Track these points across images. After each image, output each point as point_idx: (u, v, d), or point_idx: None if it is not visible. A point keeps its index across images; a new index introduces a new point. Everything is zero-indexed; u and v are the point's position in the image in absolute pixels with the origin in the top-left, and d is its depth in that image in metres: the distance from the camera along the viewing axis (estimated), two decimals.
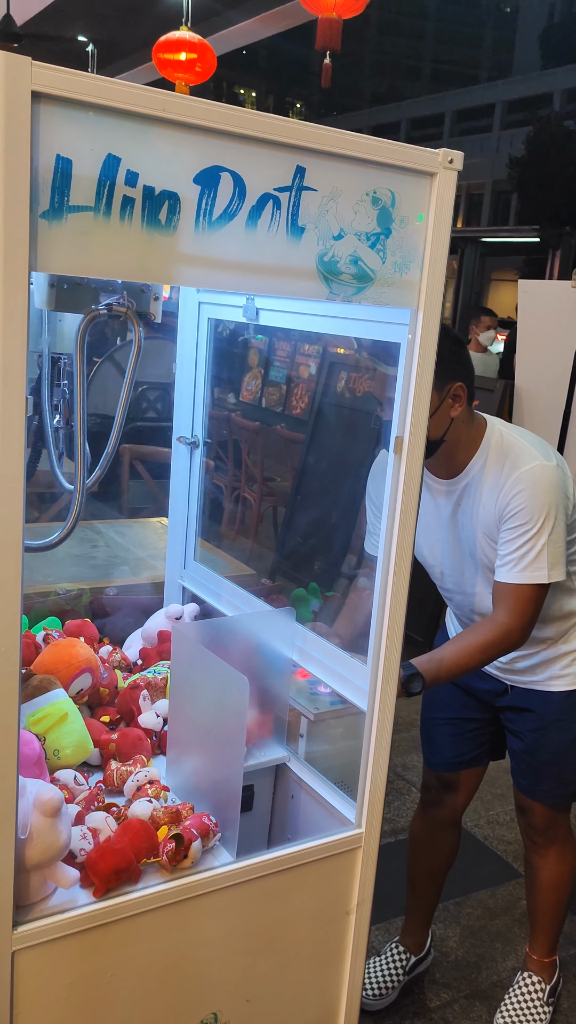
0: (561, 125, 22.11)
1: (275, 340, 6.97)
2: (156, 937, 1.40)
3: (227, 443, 5.78)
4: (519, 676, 2.08)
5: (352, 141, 1.26)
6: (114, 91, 1.07)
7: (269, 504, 5.66)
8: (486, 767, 2.29)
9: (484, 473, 1.90)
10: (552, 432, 4.10)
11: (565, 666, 2.05)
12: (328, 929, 1.61)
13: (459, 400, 1.88)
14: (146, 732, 1.76)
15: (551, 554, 1.82)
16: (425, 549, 2.08)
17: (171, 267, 1.19)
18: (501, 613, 1.85)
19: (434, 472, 1.98)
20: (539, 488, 1.83)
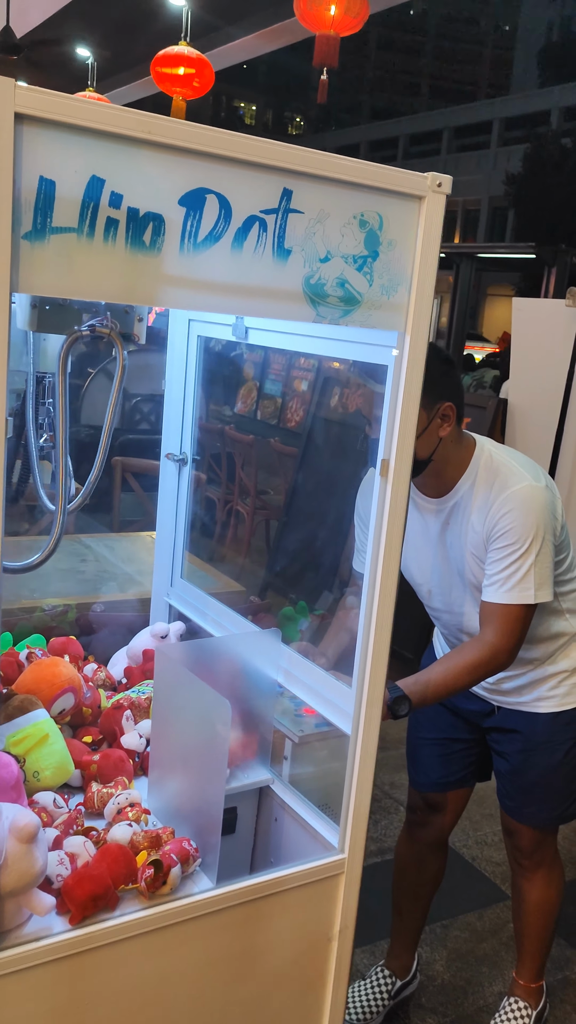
0: (558, 143, 22.30)
1: (270, 354, 6.98)
2: (134, 965, 1.38)
3: (220, 456, 5.77)
4: (506, 697, 2.07)
5: (339, 164, 1.25)
6: (98, 113, 1.06)
7: (262, 518, 5.65)
8: (472, 788, 2.28)
9: (473, 493, 1.90)
10: (545, 450, 4.10)
11: (552, 687, 2.04)
12: (310, 956, 1.59)
13: (448, 420, 1.87)
14: (129, 753, 1.74)
15: (538, 574, 1.81)
16: (413, 568, 2.07)
17: (155, 289, 1.18)
18: (488, 633, 1.84)
19: (423, 491, 1.98)
20: (527, 509, 1.82)
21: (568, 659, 2.04)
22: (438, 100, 44.64)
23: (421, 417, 1.81)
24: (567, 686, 2.04)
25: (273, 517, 5.58)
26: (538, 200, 20.70)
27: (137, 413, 6.18)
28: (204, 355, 2.07)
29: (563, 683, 2.04)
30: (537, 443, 4.17)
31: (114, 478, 4.46)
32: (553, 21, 39.95)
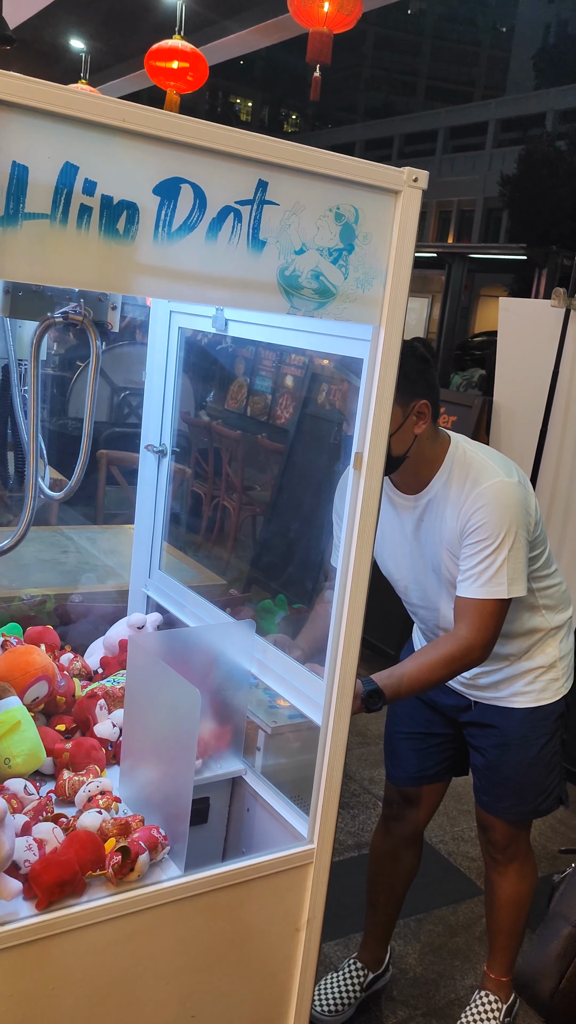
0: (553, 145, 22.30)
1: (261, 351, 6.98)
2: (100, 951, 1.38)
3: (208, 451, 5.78)
4: (482, 692, 2.09)
5: (315, 157, 1.26)
6: (73, 100, 1.06)
7: (248, 513, 5.66)
8: (448, 783, 2.29)
9: (447, 489, 1.91)
10: (529, 449, 4.12)
11: (528, 683, 2.05)
12: (277, 945, 1.60)
13: (423, 418, 1.89)
14: (101, 742, 1.74)
15: (511, 569, 1.83)
16: (390, 563, 2.08)
17: (129, 277, 1.18)
18: (462, 628, 1.86)
19: (398, 487, 1.99)
20: (500, 504, 1.84)
21: (544, 655, 2.06)
22: (434, 100, 44.68)
23: (397, 415, 1.83)
24: (543, 682, 2.06)
25: (259, 513, 5.58)
26: (532, 202, 20.70)
27: (125, 407, 6.17)
28: (195, 352, 2.08)
29: (539, 679, 2.06)
30: (522, 442, 4.19)
31: (99, 471, 4.45)
32: (550, 23, 40.02)
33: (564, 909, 1.18)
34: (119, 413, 6.13)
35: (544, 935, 1.21)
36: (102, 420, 5.92)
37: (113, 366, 6.00)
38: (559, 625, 2.08)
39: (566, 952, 1.16)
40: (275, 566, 4.75)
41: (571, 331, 3.95)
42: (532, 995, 1.20)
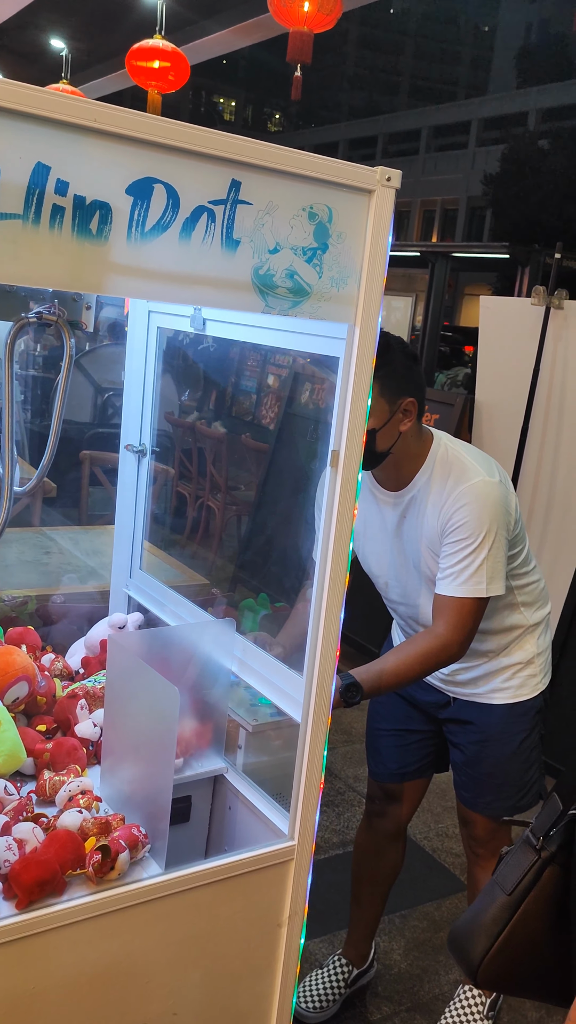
0: (535, 144, 22.41)
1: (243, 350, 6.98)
2: (80, 950, 1.38)
3: (192, 452, 5.77)
4: (461, 688, 2.10)
5: (288, 156, 1.26)
6: (44, 100, 1.06)
7: (233, 513, 5.66)
8: (430, 779, 2.31)
9: (429, 487, 1.92)
10: (511, 447, 4.14)
11: (506, 679, 2.07)
12: (259, 942, 1.61)
13: (409, 415, 1.90)
14: (83, 742, 1.74)
15: (490, 568, 1.84)
16: (371, 560, 2.09)
17: (103, 277, 1.19)
18: (440, 625, 1.87)
19: (381, 484, 2.00)
20: (481, 503, 1.85)
21: (522, 651, 2.07)
22: (417, 99, 44.76)
23: (383, 411, 1.84)
24: (521, 678, 2.08)
25: (244, 513, 5.59)
26: (515, 201, 20.81)
27: (109, 407, 6.16)
28: (177, 353, 2.08)
29: (517, 675, 2.07)
30: (503, 440, 4.21)
31: (82, 472, 4.45)
32: (531, 23, 40.17)
33: (501, 879, 1.22)
34: (102, 414, 6.12)
35: (482, 900, 1.24)
36: (85, 421, 5.91)
37: (96, 366, 6.00)
38: (537, 622, 2.09)
39: (498, 919, 1.20)
40: (258, 565, 4.75)
41: (551, 329, 3.97)
42: (463, 956, 1.24)
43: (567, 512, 3.95)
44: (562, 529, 3.95)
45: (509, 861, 1.25)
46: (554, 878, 1.21)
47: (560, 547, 3.91)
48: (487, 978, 1.24)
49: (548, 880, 1.21)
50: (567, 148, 20.80)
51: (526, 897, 1.21)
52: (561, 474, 4.01)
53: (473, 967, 1.24)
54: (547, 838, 1.23)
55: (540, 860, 1.21)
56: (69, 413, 1.95)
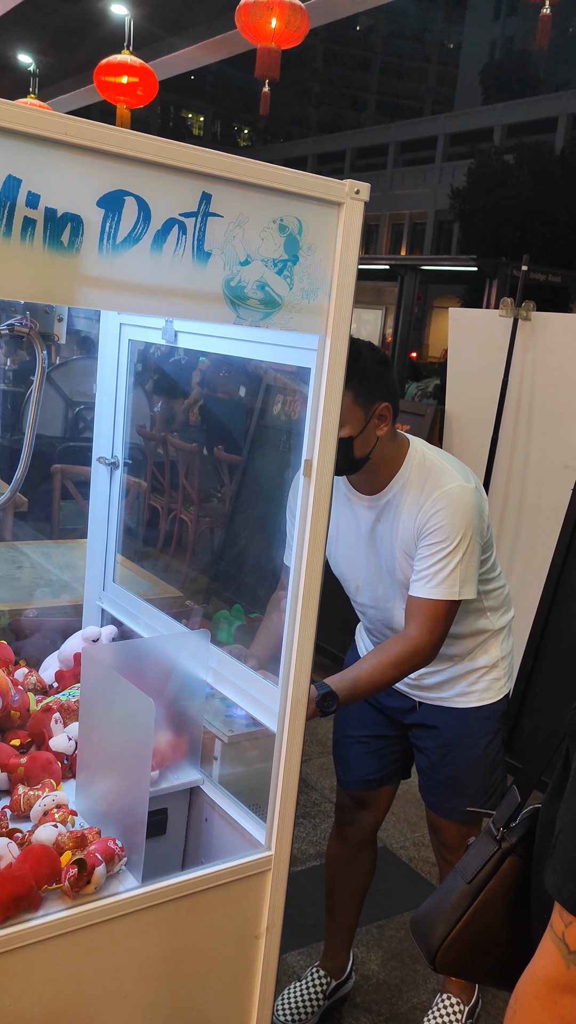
0: (501, 159, 22.70)
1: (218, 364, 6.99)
2: (57, 965, 1.37)
3: (163, 464, 5.76)
4: (427, 692, 2.11)
5: (258, 169, 1.28)
6: (14, 113, 1.07)
7: (206, 526, 5.65)
8: (397, 785, 2.31)
9: (405, 491, 1.95)
10: (480, 457, 4.18)
11: (471, 683, 2.09)
12: (237, 954, 1.60)
13: (384, 420, 1.92)
14: (57, 755, 1.73)
15: (463, 572, 1.86)
16: (343, 563, 2.11)
17: (74, 289, 1.19)
18: (412, 628, 1.89)
19: (357, 488, 2.02)
20: (458, 508, 1.88)
21: (487, 655, 2.10)
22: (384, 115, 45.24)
23: (359, 417, 1.86)
24: (486, 681, 2.10)
25: (217, 525, 5.59)
26: (482, 214, 21.07)
27: (80, 421, 6.14)
28: (149, 365, 2.08)
29: (482, 679, 2.10)
30: (473, 449, 4.25)
31: (54, 485, 4.42)
32: (495, 40, 40.79)
33: (463, 867, 1.25)
34: (74, 427, 6.10)
35: (443, 888, 1.27)
36: (56, 435, 5.89)
37: (67, 380, 5.97)
38: (502, 627, 2.13)
39: (458, 906, 1.23)
40: (232, 576, 4.75)
41: (519, 340, 4.03)
42: (423, 941, 1.27)
43: (536, 520, 4.00)
44: (532, 537, 3.99)
45: (471, 851, 1.28)
46: (514, 868, 1.24)
47: (530, 555, 3.95)
48: (445, 963, 1.26)
49: (508, 870, 1.24)
50: (532, 163, 21.10)
51: (486, 886, 1.24)
52: (531, 483, 4.05)
53: (432, 952, 1.26)
54: (508, 829, 1.25)
55: (500, 850, 1.24)
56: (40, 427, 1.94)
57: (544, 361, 3.97)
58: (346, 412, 1.83)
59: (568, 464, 3.68)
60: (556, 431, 3.93)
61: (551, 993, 0.93)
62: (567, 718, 1.09)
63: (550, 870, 0.97)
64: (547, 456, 3.97)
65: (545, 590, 3.46)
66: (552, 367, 3.94)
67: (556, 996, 0.93)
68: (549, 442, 3.97)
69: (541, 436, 4.00)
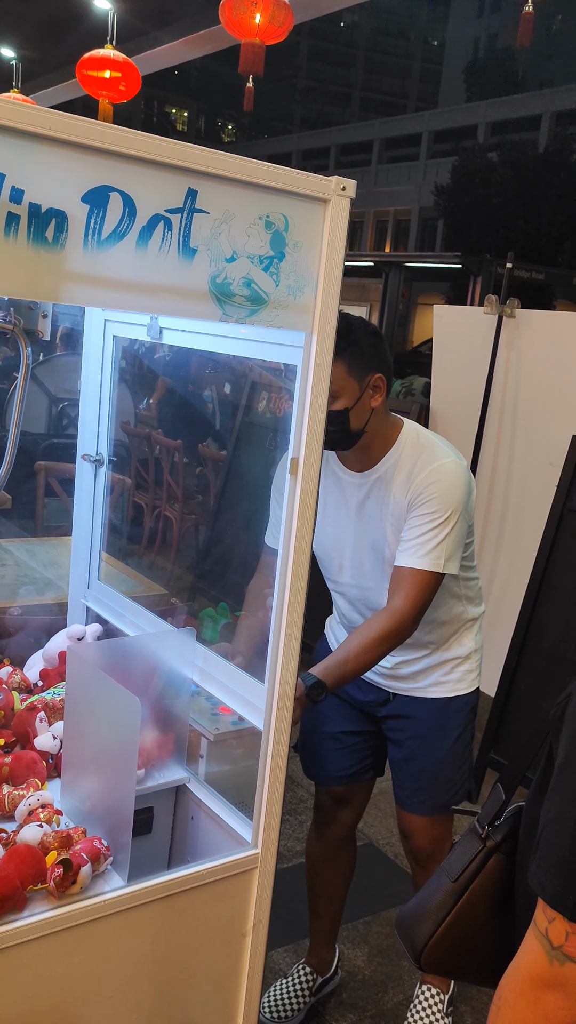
0: (484, 157, 22.74)
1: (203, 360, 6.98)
2: (42, 966, 1.36)
3: (148, 461, 5.74)
4: (402, 683, 2.12)
5: (244, 166, 1.27)
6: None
7: (190, 523, 5.64)
8: (373, 781, 2.32)
9: (397, 467, 1.96)
10: (465, 454, 4.18)
11: (445, 673, 2.10)
12: (224, 952, 1.60)
13: (379, 391, 1.93)
14: (42, 755, 1.72)
15: (449, 546, 1.88)
16: (327, 541, 2.10)
17: (59, 285, 1.18)
18: (397, 599, 1.89)
19: (347, 464, 2.02)
20: (452, 483, 1.90)
21: (461, 646, 2.11)
22: (368, 112, 45.25)
23: (353, 389, 1.87)
24: (460, 672, 2.11)
25: (202, 522, 5.57)
26: (466, 212, 21.11)
27: (64, 417, 6.11)
28: (136, 362, 2.07)
29: (456, 669, 2.11)
30: (458, 447, 4.25)
31: (37, 483, 4.40)
32: (479, 37, 40.87)
33: (448, 866, 1.26)
34: (57, 424, 6.06)
35: (429, 887, 1.27)
36: (40, 432, 5.85)
37: (50, 376, 5.94)
38: (475, 617, 2.15)
39: (444, 904, 1.24)
40: (217, 574, 4.74)
41: (504, 337, 4.04)
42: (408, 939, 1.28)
43: (521, 517, 4.01)
44: (516, 533, 4.00)
45: (456, 849, 1.28)
46: (499, 867, 1.24)
47: (515, 551, 3.97)
48: (430, 962, 1.27)
49: (493, 868, 1.24)
50: (515, 160, 21.16)
51: (471, 884, 1.24)
52: (515, 480, 4.07)
53: (417, 951, 1.26)
54: (493, 827, 1.26)
55: (485, 849, 1.24)
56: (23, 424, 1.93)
57: (528, 358, 3.98)
58: (340, 383, 1.83)
59: (552, 461, 3.69)
60: (540, 428, 3.94)
61: (534, 989, 0.94)
62: (551, 714, 1.09)
63: (534, 866, 0.97)
64: (531, 453, 3.98)
65: (529, 587, 3.47)
66: (536, 364, 3.95)
67: (539, 992, 0.93)
68: (533, 439, 3.98)
69: (525, 433, 4.02)
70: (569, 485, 3.45)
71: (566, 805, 0.95)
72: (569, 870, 0.92)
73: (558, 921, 0.92)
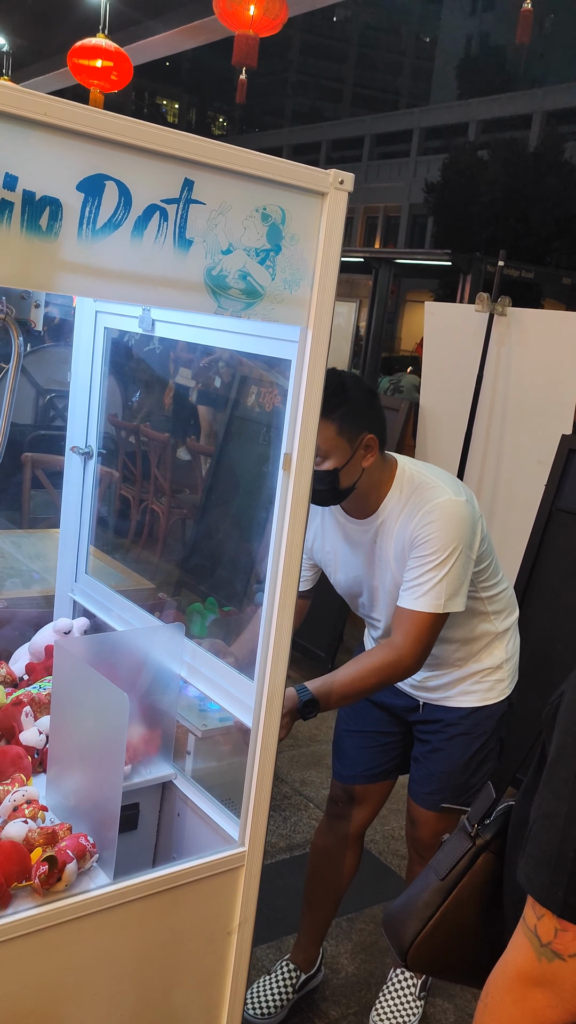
0: (475, 154, 22.76)
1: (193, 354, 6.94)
2: (25, 964, 1.35)
3: (135, 454, 5.71)
4: (430, 694, 2.13)
5: (242, 157, 1.25)
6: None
7: (178, 517, 5.62)
8: (394, 782, 2.32)
9: (398, 509, 1.96)
10: (454, 452, 4.19)
11: (474, 683, 2.10)
12: (209, 950, 1.59)
13: (371, 451, 1.92)
14: (28, 750, 1.70)
15: (450, 586, 1.87)
16: (344, 585, 2.13)
17: (53, 275, 1.16)
18: (398, 637, 1.90)
19: (349, 513, 2.03)
20: (447, 521, 1.88)
21: (491, 657, 2.11)
22: (360, 107, 45.20)
23: (344, 450, 1.86)
24: (489, 682, 2.11)
25: (189, 516, 5.55)
26: (456, 209, 21.13)
27: (51, 409, 6.06)
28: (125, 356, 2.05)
29: (485, 679, 2.10)
30: (447, 444, 4.26)
31: (24, 474, 4.37)
32: (471, 35, 40.87)
33: (437, 864, 1.25)
34: (45, 416, 6.02)
35: (417, 885, 1.27)
36: (27, 423, 5.81)
37: (38, 367, 5.89)
38: (507, 628, 2.14)
39: (431, 902, 1.24)
40: (205, 569, 4.72)
41: (495, 335, 4.03)
42: (395, 937, 1.27)
43: (509, 516, 4.02)
44: (504, 533, 4.01)
45: (445, 847, 1.27)
46: (487, 865, 1.24)
47: (503, 550, 3.96)
48: (417, 960, 1.26)
49: (481, 867, 1.24)
50: (506, 159, 21.18)
51: (459, 882, 1.23)
52: (504, 479, 4.07)
53: (404, 949, 1.26)
54: (482, 826, 1.25)
55: (474, 847, 1.24)
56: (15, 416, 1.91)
57: (519, 356, 3.98)
58: (331, 444, 1.82)
59: (541, 459, 3.69)
60: (530, 426, 3.94)
61: (522, 986, 0.93)
62: (543, 714, 1.08)
63: (522, 862, 0.96)
64: (521, 451, 3.99)
65: (517, 585, 3.47)
66: (527, 363, 3.95)
67: (527, 989, 0.92)
68: (523, 437, 3.98)
69: (515, 431, 4.02)
70: (558, 484, 3.45)
71: (556, 802, 0.94)
72: (558, 866, 0.92)
73: (547, 918, 0.92)
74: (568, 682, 1.03)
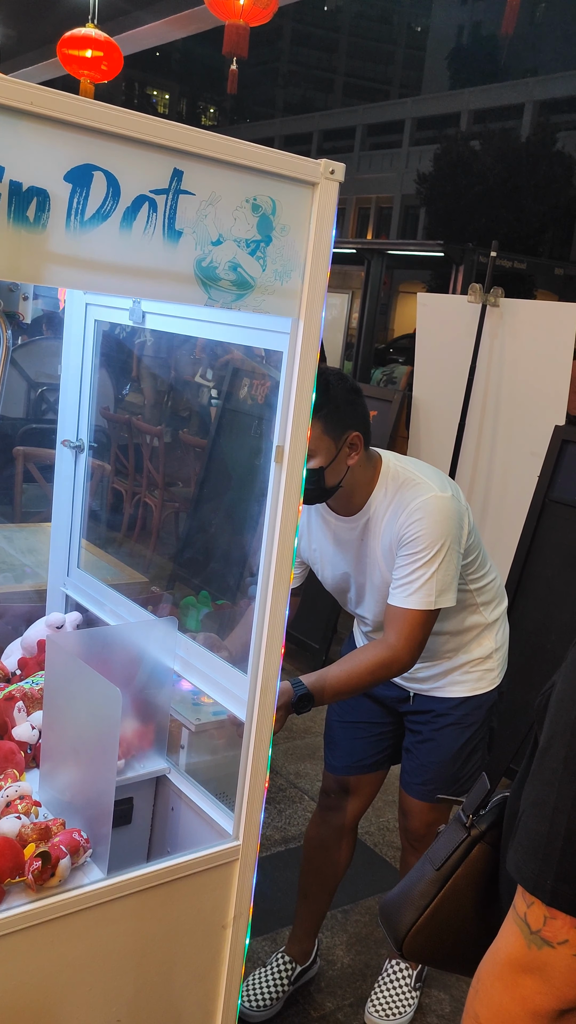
0: (467, 145, 22.70)
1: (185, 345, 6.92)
2: (19, 960, 1.34)
3: (128, 447, 5.69)
4: (421, 684, 2.13)
5: (231, 146, 1.24)
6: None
7: (171, 510, 5.61)
8: (386, 773, 2.32)
9: (384, 506, 1.95)
10: (447, 443, 4.19)
11: (464, 672, 2.11)
12: (204, 944, 1.59)
13: (356, 449, 1.91)
14: (20, 745, 1.70)
15: (440, 582, 1.86)
16: (332, 582, 2.13)
17: (41, 266, 1.15)
18: (391, 635, 1.89)
19: (336, 511, 2.02)
20: (434, 519, 1.87)
21: (481, 647, 2.11)
22: (351, 97, 45.03)
23: (329, 448, 1.85)
24: (479, 672, 2.11)
25: (182, 509, 5.54)
26: (448, 200, 21.09)
27: (43, 402, 6.04)
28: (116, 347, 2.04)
29: (475, 668, 2.11)
30: (440, 436, 4.25)
31: (16, 468, 4.35)
32: (463, 25, 40.72)
33: (432, 854, 1.26)
34: (36, 409, 5.99)
35: (412, 875, 1.27)
36: (18, 416, 5.79)
37: (29, 360, 5.87)
38: (496, 618, 2.14)
39: (426, 892, 1.24)
40: (198, 563, 4.72)
41: (487, 326, 4.03)
42: (390, 927, 1.28)
43: (502, 507, 4.02)
44: (497, 525, 4.01)
45: (440, 838, 1.27)
46: (483, 856, 1.24)
47: (496, 542, 3.97)
48: (412, 950, 1.26)
49: (477, 857, 1.24)
50: (498, 149, 21.13)
51: (454, 873, 1.24)
52: (497, 470, 4.07)
53: (399, 938, 1.26)
54: (478, 817, 1.25)
55: (469, 837, 1.23)
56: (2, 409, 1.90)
57: (512, 348, 3.97)
58: (315, 443, 1.82)
59: (534, 451, 3.69)
60: (523, 418, 3.94)
61: (512, 973, 0.93)
62: (535, 703, 1.08)
63: (512, 851, 0.96)
64: (513, 443, 3.98)
65: (510, 577, 3.48)
66: (520, 353, 3.95)
67: (517, 976, 0.93)
68: (516, 429, 3.98)
69: (508, 423, 4.01)
70: (551, 475, 3.45)
71: (545, 790, 0.94)
72: (547, 855, 0.91)
73: (536, 906, 0.91)
74: (559, 672, 1.03)
